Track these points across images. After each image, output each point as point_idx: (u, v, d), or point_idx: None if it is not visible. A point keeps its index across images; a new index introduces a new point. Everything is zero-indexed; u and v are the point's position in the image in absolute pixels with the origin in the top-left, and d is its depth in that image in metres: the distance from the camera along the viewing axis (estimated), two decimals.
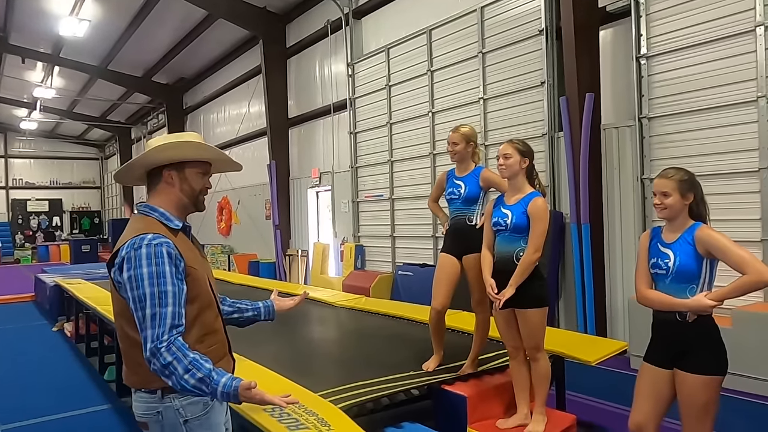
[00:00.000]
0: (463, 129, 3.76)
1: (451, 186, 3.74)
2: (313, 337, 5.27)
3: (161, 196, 1.99)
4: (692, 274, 2.60)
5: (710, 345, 2.60)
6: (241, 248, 15.21)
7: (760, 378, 4.91)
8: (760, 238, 5.37)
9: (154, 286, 1.80)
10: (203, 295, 1.96)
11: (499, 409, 3.52)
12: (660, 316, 2.72)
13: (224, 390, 1.78)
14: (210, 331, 1.97)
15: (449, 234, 3.77)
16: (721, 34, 5.60)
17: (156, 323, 1.78)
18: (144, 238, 1.85)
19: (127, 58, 16.27)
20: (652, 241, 2.77)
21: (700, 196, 2.70)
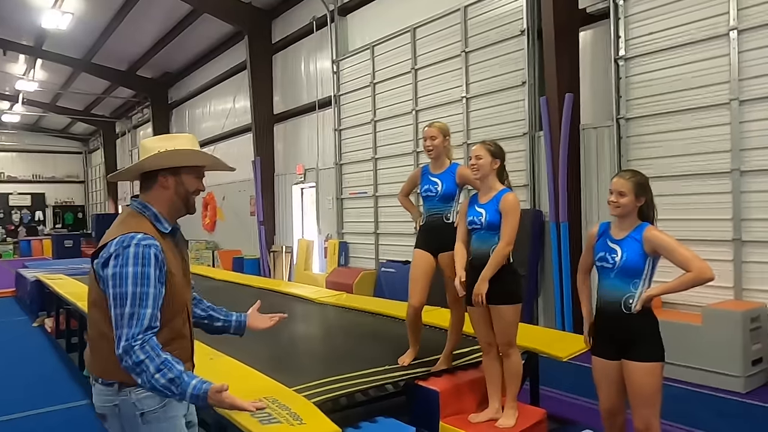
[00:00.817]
0: (438, 124, 3.82)
1: (427, 183, 3.77)
2: (292, 334, 5.30)
3: (155, 197, 2.04)
4: (637, 270, 2.75)
5: (652, 335, 2.77)
6: (226, 244, 15.19)
7: (728, 374, 5.04)
8: (731, 237, 5.51)
9: (137, 287, 1.84)
10: (177, 302, 2.01)
11: (472, 403, 3.60)
12: (605, 308, 2.85)
13: (194, 392, 1.84)
14: (177, 336, 2.02)
15: (425, 231, 3.80)
16: (696, 38, 5.72)
17: (134, 323, 1.82)
18: (134, 237, 1.89)
19: (112, 52, 16.13)
20: (600, 236, 2.90)
21: (650, 198, 2.86)
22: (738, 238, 5.47)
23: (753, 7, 5.33)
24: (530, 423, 3.46)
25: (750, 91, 5.36)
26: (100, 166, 25.98)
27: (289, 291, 7.04)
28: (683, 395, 4.90)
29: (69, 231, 25.30)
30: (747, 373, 5.03)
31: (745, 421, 4.42)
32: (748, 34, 5.36)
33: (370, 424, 3.26)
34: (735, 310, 5.14)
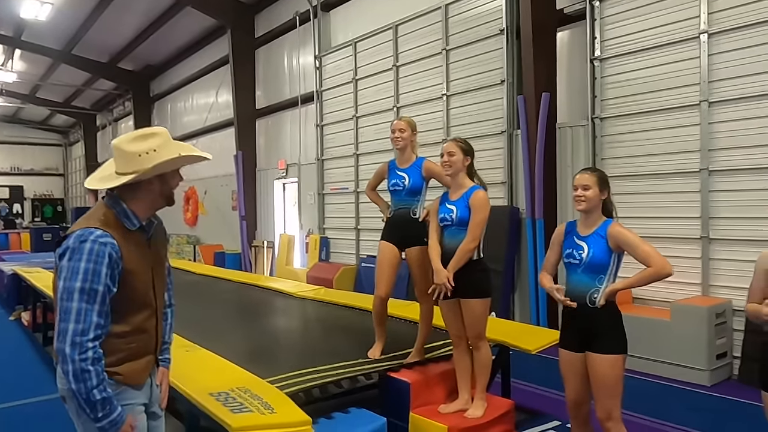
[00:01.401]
0: (406, 118, 3.92)
1: (395, 177, 3.86)
2: (269, 327, 5.36)
3: (136, 195, 2.00)
4: (602, 265, 2.85)
5: (615, 328, 2.87)
6: (207, 238, 15.14)
7: (694, 367, 5.20)
8: (699, 235, 5.66)
9: (87, 282, 1.84)
10: (137, 298, 2.00)
11: (442, 394, 3.69)
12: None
13: (115, 418, 1.87)
14: (136, 330, 2.01)
15: (391, 224, 3.89)
16: (669, 40, 5.86)
17: (81, 318, 1.82)
18: (93, 233, 1.88)
19: (92, 43, 15.95)
20: (567, 233, 2.99)
21: (610, 195, 2.97)
22: (706, 236, 5.63)
23: (723, 11, 5.47)
24: (498, 413, 3.57)
25: (719, 92, 5.51)
26: (80, 159, 25.67)
27: (269, 285, 7.09)
28: (651, 388, 5.05)
29: (48, 224, 24.95)
30: (712, 366, 5.19)
31: (710, 414, 4.57)
32: (717, 38, 5.51)
33: (343, 414, 3.35)
34: (701, 305, 5.29)
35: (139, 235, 2.03)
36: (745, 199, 5.26)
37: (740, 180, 5.36)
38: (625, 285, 2.87)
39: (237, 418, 2.55)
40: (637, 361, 5.08)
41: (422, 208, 3.81)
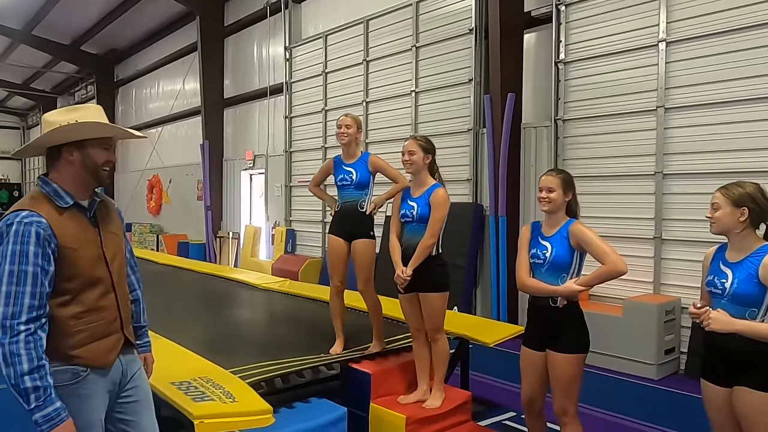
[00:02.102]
0: (352, 115, 3.99)
1: (342, 173, 3.93)
2: (233, 318, 5.37)
3: (61, 172, 1.98)
4: (565, 264, 2.94)
5: (576, 327, 2.96)
6: (171, 228, 14.92)
7: (644, 362, 5.44)
8: (653, 235, 5.90)
9: (14, 265, 1.80)
10: (84, 275, 1.95)
11: (402, 386, 3.79)
12: (534, 302, 3.05)
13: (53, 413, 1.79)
14: (92, 308, 1.98)
15: (339, 218, 3.96)
16: (629, 47, 6.07)
17: (10, 301, 1.78)
18: (18, 214, 1.86)
19: (54, 24, 15.46)
20: (532, 234, 3.10)
21: (575, 195, 3.05)
22: (659, 236, 5.87)
23: (680, 21, 5.69)
24: (455, 404, 3.68)
25: (674, 99, 5.74)
26: None
27: (234, 277, 7.07)
28: (603, 381, 5.27)
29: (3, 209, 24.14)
30: (660, 361, 5.45)
31: (657, 406, 4.80)
32: (674, 46, 5.73)
33: (304, 404, 3.41)
34: (652, 303, 5.54)
35: (76, 212, 1.99)
36: (695, 202, 5.50)
37: (691, 184, 5.61)
38: (584, 282, 2.92)
39: (198, 406, 2.59)
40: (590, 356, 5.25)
41: (369, 201, 3.90)
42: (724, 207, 2.45)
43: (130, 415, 2.14)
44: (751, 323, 2.33)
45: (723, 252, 2.53)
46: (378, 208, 3.93)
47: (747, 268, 2.39)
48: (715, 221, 2.49)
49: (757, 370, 2.34)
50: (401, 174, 3.88)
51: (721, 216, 2.45)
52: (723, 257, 2.51)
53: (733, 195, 2.45)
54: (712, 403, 2.51)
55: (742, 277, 2.39)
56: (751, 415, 2.35)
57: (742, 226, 2.43)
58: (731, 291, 2.40)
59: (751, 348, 2.33)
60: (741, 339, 2.34)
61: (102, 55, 17.89)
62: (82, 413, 1.96)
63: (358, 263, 3.87)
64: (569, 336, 2.93)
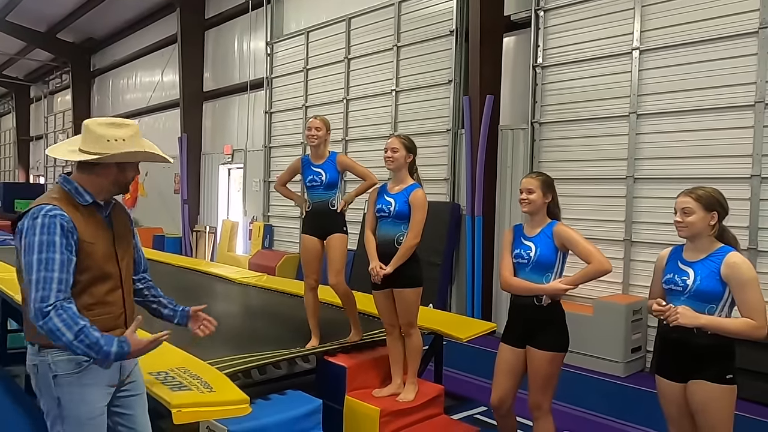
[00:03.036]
0: (322, 117, 4.08)
1: (311, 174, 3.99)
2: (210, 312, 5.31)
3: (91, 177, 2.10)
4: (549, 263, 3.03)
5: (558, 326, 3.05)
6: (147, 221, 14.76)
7: (611, 360, 5.61)
8: (623, 237, 6.08)
9: (43, 253, 1.93)
10: (95, 268, 2.08)
11: (376, 379, 3.87)
12: (518, 300, 3.12)
13: (117, 355, 1.97)
14: (100, 302, 2.10)
15: (311, 217, 4.03)
16: (604, 53, 6.23)
17: (41, 286, 1.91)
18: (43, 208, 1.99)
19: (30, 11, 15.15)
20: (515, 236, 3.18)
21: (556, 197, 3.14)
22: (628, 238, 6.05)
23: (654, 30, 5.87)
24: (428, 397, 3.78)
25: (645, 106, 5.93)
26: (11, 132, 24.33)
27: (210, 270, 7.06)
28: (573, 378, 5.40)
29: None
30: (627, 359, 5.62)
31: (623, 402, 4.97)
32: (647, 55, 5.91)
33: (280, 396, 3.46)
34: (620, 303, 5.71)
35: (93, 210, 2.12)
36: (663, 206, 5.67)
37: (660, 188, 5.80)
38: (570, 282, 2.98)
39: (176, 395, 2.63)
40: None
41: (340, 199, 3.98)
42: (697, 212, 2.51)
43: (126, 409, 2.26)
44: (715, 318, 2.46)
45: (680, 252, 2.64)
46: (348, 205, 4.01)
47: (708, 267, 2.50)
48: (686, 226, 2.54)
49: (712, 363, 2.48)
50: (369, 171, 4.03)
51: (694, 221, 2.51)
52: (680, 257, 2.62)
53: (704, 199, 2.52)
54: (668, 398, 2.63)
55: (704, 274, 2.50)
56: (706, 407, 2.48)
57: (711, 230, 2.53)
58: (693, 288, 2.51)
59: (709, 342, 2.46)
60: (699, 333, 2.46)
61: (78, 44, 17.59)
62: (85, 402, 2.07)
63: (331, 257, 3.95)
64: (551, 334, 3.01)
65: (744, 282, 2.44)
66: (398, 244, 3.54)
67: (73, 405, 2.05)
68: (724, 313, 2.50)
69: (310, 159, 4.05)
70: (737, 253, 2.51)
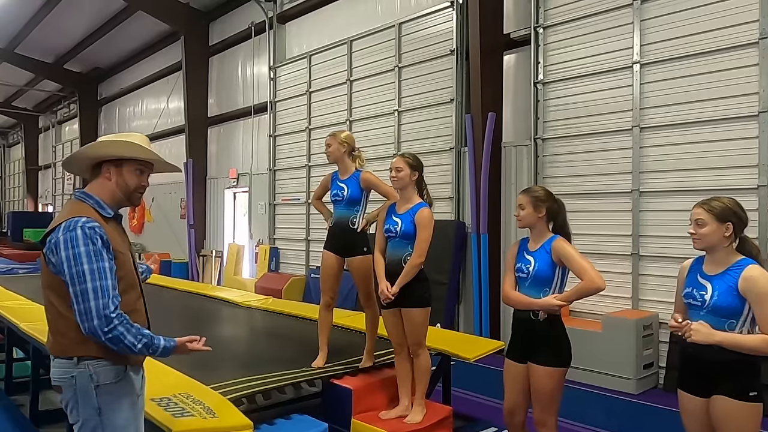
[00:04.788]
0: (335, 132, 4.08)
1: (336, 188, 4.00)
2: (216, 335, 5.33)
3: (99, 187, 2.20)
4: (547, 278, 3.00)
5: (556, 341, 3.01)
6: (153, 247, 14.80)
7: (622, 377, 5.51)
8: (630, 251, 6.02)
9: (93, 263, 2.00)
10: (128, 276, 2.17)
11: (383, 401, 3.80)
12: (517, 315, 3.11)
13: (165, 349, 2.12)
14: (131, 309, 2.15)
15: (333, 234, 4.01)
16: (605, 68, 6.24)
17: (99, 294, 1.98)
18: (78, 221, 2.03)
19: (38, 43, 15.44)
20: (519, 250, 3.16)
21: (555, 210, 3.09)
22: (636, 252, 5.99)
23: (653, 44, 5.89)
24: (437, 419, 3.70)
25: (649, 119, 5.91)
26: (20, 162, 24.62)
27: (216, 294, 7.03)
28: (582, 396, 5.31)
29: None
30: (639, 375, 5.52)
31: (636, 420, 4.86)
32: (648, 68, 5.92)
33: (285, 420, 3.41)
34: (630, 318, 5.62)
35: (114, 222, 2.22)
36: (670, 219, 5.64)
37: (666, 201, 5.76)
38: (563, 298, 2.96)
39: (178, 422, 2.59)
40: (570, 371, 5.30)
41: (362, 218, 3.94)
42: (710, 223, 2.46)
43: None
44: (731, 335, 2.39)
45: (700, 265, 2.57)
46: (369, 224, 3.98)
47: (726, 281, 2.44)
48: (700, 238, 2.49)
49: (732, 379, 2.40)
50: (393, 191, 3.80)
51: (708, 232, 2.46)
52: (700, 270, 2.55)
53: (716, 210, 2.47)
54: (690, 414, 2.55)
55: (722, 289, 2.44)
56: (727, 424, 2.41)
57: (728, 241, 2.47)
58: (711, 303, 2.44)
59: (728, 358, 2.39)
60: (719, 349, 2.39)
61: (85, 74, 17.86)
62: (122, 410, 2.14)
63: (358, 281, 3.95)
64: (549, 349, 2.97)
65: (762, 296, 2.36)
66: (405, 264, 3.51)
67: (112, 413, 2.11)
68: (746, 328, 2.42)
69: (338, 174, 4.06)
70: (756, 266, 2.43)
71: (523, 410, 3.14)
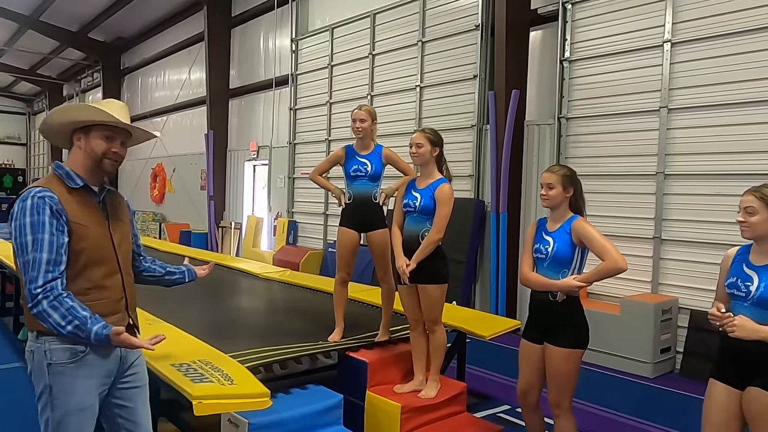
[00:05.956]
0: (366, 107, 3.99)
1: (356, 163, 3.93)
2: (234, 306, 5.42)
3: (73, 156, 2.15)
4: (566, 259, 2.95)
5: (574, 322, 2.98)
6: (174, 217, 14.99)
7: (639, 360, 5.48)
8: (652, 235, 5.93)
9: (32, 234, 1.94)
10: (91, 251, 2.06)
11: (398, 375, 3.83)
12: (535, 295, 3.07)
13: (96, 337, 1.94)
14: (96, 286, 2.08)
15: (353, 209, 3.95)
16: (634, 46, 6.08)
17: (30, 267, 1.93)
18: (32, 191, 2.01)
19: (62, 11, 15.48)
20: (537, 230, 3.12)
21: (579, 191, 3.05)
22: (658, 236, 5.90)
23: (686, 22, 5.71)
24: (450, 395, 3.73)
25: (677, 100, 5.76)
26: None
27: (235, 265, 7.11)
28: (598, 378, 5.31)
29: (7, 194, 24.25)
30: (656, 360, 5.48)
31: (651, 403, 4.84)
32: (679, 47, 5.75)
33: (301, 390, 3.46)
34: (649, 302, 5.56)
35: (85, 194, 2.12)
36: (695, 203, 5.52)
37: (692, 185, 5.63)
38: (583, 279, 2.92)
39: (197, 387, 2.63)
40: (587, 353, 5.30)
41: (380, 192, 3.93)
42: (761, 212, 2.35)
43: (127, 401, 2.22)
44: None
45: (746, 254, 2.45)
46: (388, 198, 3.96)
47: None
48: (749, 226, 2.38)
49: None
50: (411, 167, 3.91)
51: (758, 221, 2.35)
52: (746, 260, 2.44)
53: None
54: (719, 403, 2.44)
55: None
56: (762, 416, 2.31)
57: None
58: (756, 295, 2.33)
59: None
60: (760, 342, 2.28)
61: (109, 43, 17.91)
62: (75, 393, 2.04)
63: (379, 254, 3.92)
64: (567, 331, 2.95)
65: None
66: (422, 240, 3.50)
67: (63, 394, 2.03)
68: None
69: (354, 149, 3.97)
70: None
71: (537, 391, 3.14)
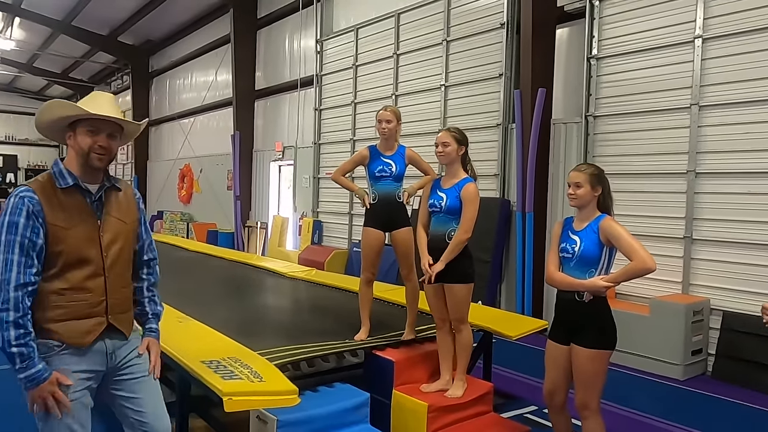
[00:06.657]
0: (392, 108, 4.00)
1: (380, 164, 3.94)
2: (261, 304, 5.49)
3: (68, 155, 2.18)
4: (593, 259, 2.91)
5: (601, 323, 2.94)
6: (201, 217, 15.21)
7: (670, 362, 5.38)
8: (683, 235, 5.81)
9: (5, 235, 1.96)
10: (69, 253, 2.04)
11: (424, 374, 3.84)
12: (561, 295, 3.04)
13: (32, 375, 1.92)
14: (74, 287, 2.05)
15: (378, 209, 3.95)
16: (664, 43, 5.97)
17: (3, 268, 1.94)
18: (18, 189, 2.03)
19: (93, 15, 15.84)
20: (564, 229, 3.09)
21: (607, 190, 3.02)
22: (689, 236, 5.78)
23: (717, 17, 5.58)
24: (477, 395, 3.72)
25: (709, 97, 5.64)
26: None
27: (261, 264, 7.20)
28: (627, 380, 5.23)
29: None
30: (686, 362, 5.38)
31: (681, 407, 4.75)
32: (711, 43, 5.63)
33: (328, 388, 3.49)
34: (680, 303, 5.46)
35: (76, 193, 2.10)
36: (728, 202, 5.40)
37: (724, 183, 5.50)
38: (611, 279, 2.88)
39: (227, 384, 2.68)
40: (615, 354, 5.22)
41: (403, 192, 3.95)
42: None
43: (130, 392, 2.21)
44: None
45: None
46: (411, 197, 3.98)
47: None
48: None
49: None
50: (432, 168, 4.02)
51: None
52: None
53: None
54: None
55: None
56: None
57: None
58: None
59: None
60: None
61: (138, 46, 18.27)
62: None
63: (403, 252, 3.94)
64: (593, 331, 2.91)
65: None
66: (449, 240, 3.49)
67: None
68: None
69: (378, 149, 3.99)
70: None
71: (563, 392, 3.11)
